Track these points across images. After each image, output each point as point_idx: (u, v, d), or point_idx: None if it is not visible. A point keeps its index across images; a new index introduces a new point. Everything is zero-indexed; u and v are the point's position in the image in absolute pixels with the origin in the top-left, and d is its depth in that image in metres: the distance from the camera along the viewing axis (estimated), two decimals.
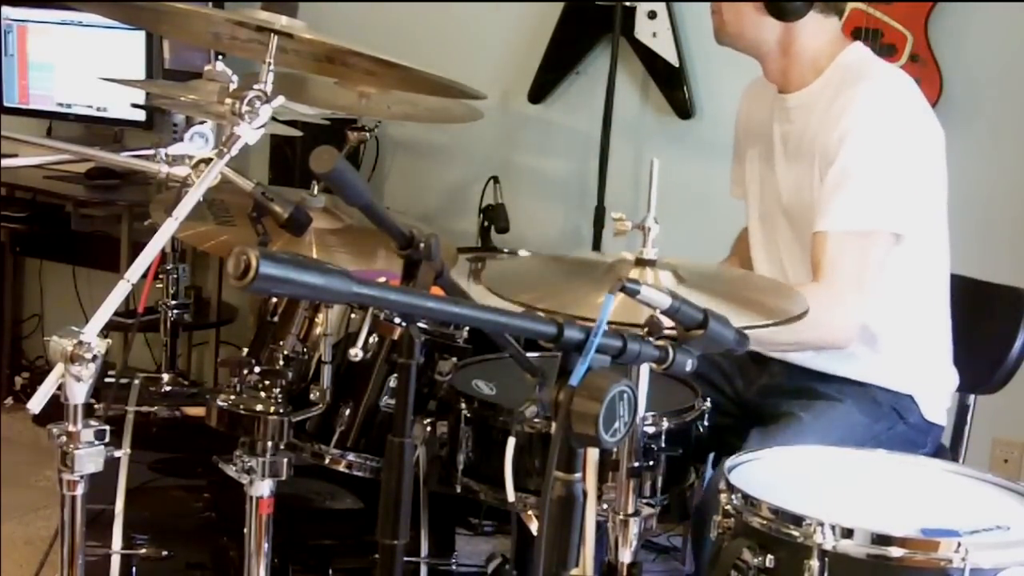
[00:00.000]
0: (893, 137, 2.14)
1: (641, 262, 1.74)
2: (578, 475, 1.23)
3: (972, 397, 2.44)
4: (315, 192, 2.25)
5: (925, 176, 2.18)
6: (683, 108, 3.47)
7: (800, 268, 2.25)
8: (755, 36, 2.26)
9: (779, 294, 1.86)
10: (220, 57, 3.04)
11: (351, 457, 2.11)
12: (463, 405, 2.01)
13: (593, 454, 1.73)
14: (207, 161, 1.78)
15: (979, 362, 2.39)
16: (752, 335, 2.04)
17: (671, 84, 3.46)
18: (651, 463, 1.91)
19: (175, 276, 2.71)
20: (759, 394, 2.39)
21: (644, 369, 1.70)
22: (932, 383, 2.31)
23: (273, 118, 1.81)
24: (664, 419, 1.95)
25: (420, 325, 1.74)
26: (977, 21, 3.10)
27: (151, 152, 1.86)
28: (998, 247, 2.42)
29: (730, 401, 2.43)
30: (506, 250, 3.38)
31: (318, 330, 2.07)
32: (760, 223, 2.41)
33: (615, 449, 1.80)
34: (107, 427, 1.60)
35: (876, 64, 2.26)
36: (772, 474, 1.81)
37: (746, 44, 2.31)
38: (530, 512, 1.96)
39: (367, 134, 2.74)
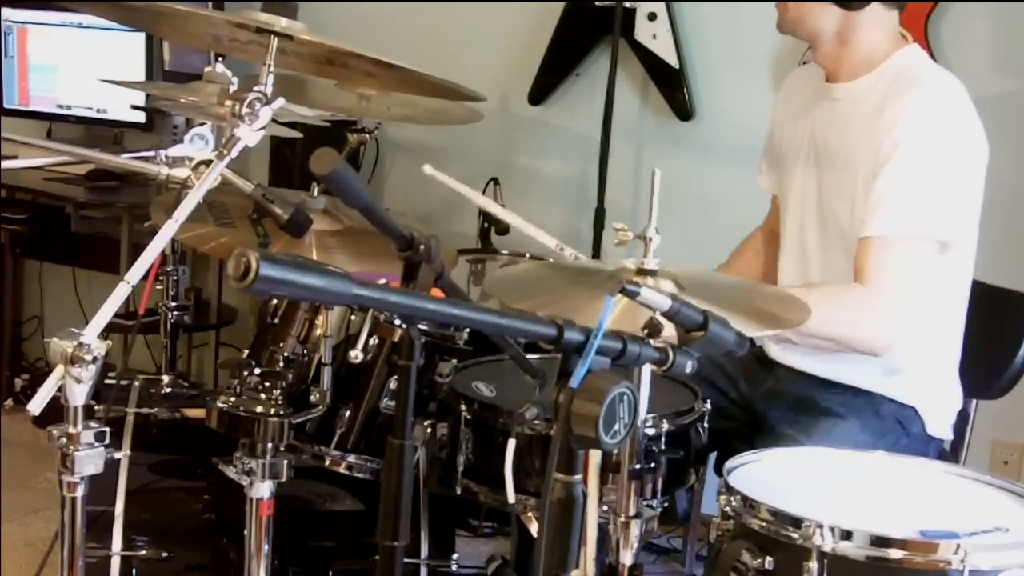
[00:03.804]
0: (945, 148, 2.13)
1: (642, 272, 1.74)
2: (578, 477, 1.23)
3: (974, 402, 2.41)
4: (315, 194, 2.25)
5: (969, 187, 2.17)
6: (683, 110, 3.47)
7: (827, 264, 2.24)
8: (815, 24, 2.24)
9: (782, 303, 1.85)
10: (220, 59, 3.04)
11: (351, 459, 2.11)
12: (463, 407, 2.01)
13: (595, 456, 1.73)
14: (207, 163, 1.78)
15: (982, 368, 2.36)
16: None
17: (671, 86, 3.46)
18: (652, 465, 1.91)
19: (175, 278, 2.71)
20: (763, 399, 2.39)
21: (644, 371, 1.70)
22: (937, 397, 2.29)
23: (273, 120, 1.81)
24: (664, 421, 1.95)
25: (420, 327, 1.74)
26: (977, 21, 3.10)
27: (151, 154, 1.86)
28: (998, 249, 2.41)
29: (734, 404, 2.43)
30: (506, 252, 3.38)
31: (318, 332, 2.07)
32: (790, 215, 2.38)
33: (615, 451, 1.80)
34: (107, 429, 1.60)
35: (932, 70, 2.24)
36: (771, 476, 1.81)
37: (805, 32, 2.28)
38: (530, 514, 1.96)
39: (367, 136, 2.74)
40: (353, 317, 2.08)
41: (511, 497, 1.74)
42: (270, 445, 1.91)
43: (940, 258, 2.16)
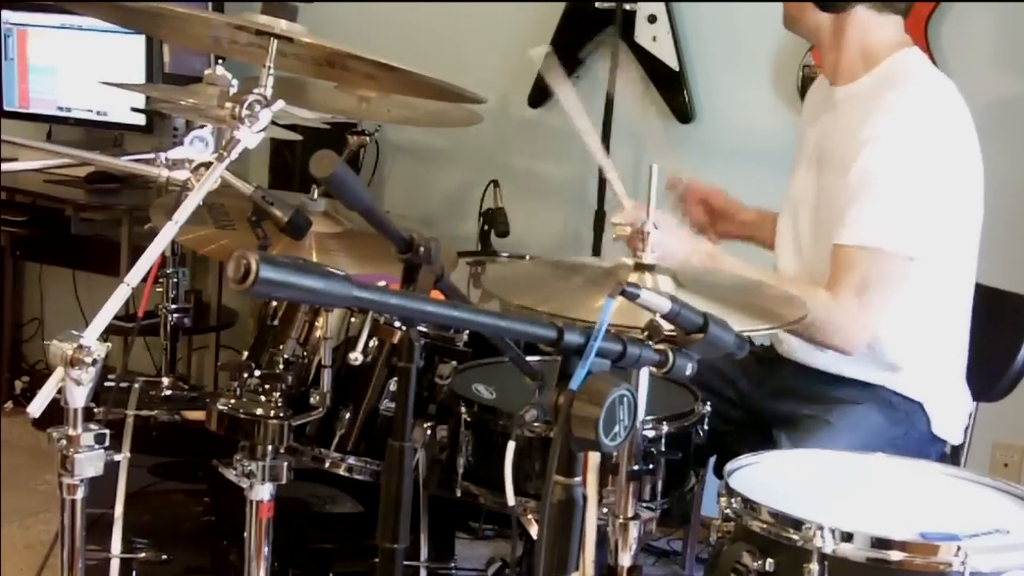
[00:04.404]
0: (917, 151, 2.10)
1: (640, 266, 1.74)
2: (578, 479, 1.23)
3: (975, 404, 2.40)
4: (315, 196, 2.25)
5: (948, 195, 2.14)
6: (683, 112, 3.47)
7: (822, 263, 2.25)
8: (812, 23, 2.27)
9: (778, 299, 1.85)
10: (220, 61, 3.04)
11: (351, 461, 2.11)
12: (463, 409, 2.01)
13: (594, 458, 1.73)
14: (207, 165, 1.78)
15: (982, 370, 2.35)
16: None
17: (671, 88, 3.46)
18: (651, 467, 1.91)
19: (175, 280, 2.71)
20: (770, 396, 2.38)
21: (644, 373, 1.70)
22: (942, 399, 2.29)
23: (273, 122, 1.81)
24: (664, 423, 1.95)
25: (420, 329, 1.74)
26: (978, 22, 3.10)
27: (151, 156, 1.86)
28: (998, 251, 2.41)
29: (733, 405, 2.42)
30: (506, 254, 3.38)
31: (318, 334, 2.07)
32: (784, 212, 2.39)
33: (615, 453, 1.80)
34: (107, 431, 1.59)
35: (920, 71, 2.23)
36: (772, 478, 1.81)
37: (804, 30, 2.32)
38: (530, 516, 1.96)
39: (367, 138, 2.74)
40: (353, 319, 2.08)
41: (511, 499, 1.74)
42: (270, 447, 1.91)
43: (939, 264, 2.15)
